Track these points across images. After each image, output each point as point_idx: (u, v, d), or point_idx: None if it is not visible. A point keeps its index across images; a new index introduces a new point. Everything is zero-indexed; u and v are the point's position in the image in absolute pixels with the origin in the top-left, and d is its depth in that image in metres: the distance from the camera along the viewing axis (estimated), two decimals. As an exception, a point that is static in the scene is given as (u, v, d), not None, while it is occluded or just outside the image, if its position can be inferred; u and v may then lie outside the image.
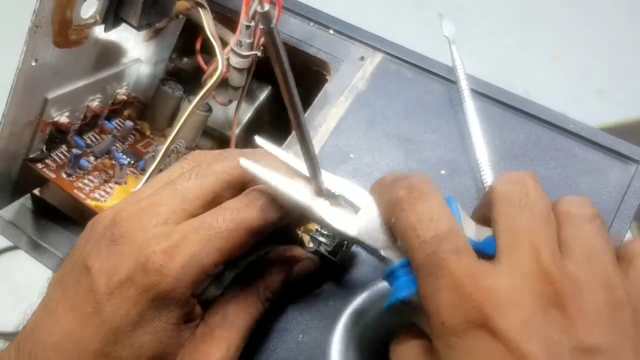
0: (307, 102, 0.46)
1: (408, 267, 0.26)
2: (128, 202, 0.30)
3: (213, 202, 0.30)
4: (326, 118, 0.44)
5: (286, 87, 0.24)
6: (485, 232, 0.27)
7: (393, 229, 0.28)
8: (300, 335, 0.35)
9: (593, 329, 0.22)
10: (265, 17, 0.21)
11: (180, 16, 0.45)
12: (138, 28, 0.40)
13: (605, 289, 0.23)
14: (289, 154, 0.31)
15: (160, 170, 0.45)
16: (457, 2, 1.29)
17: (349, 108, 0.44)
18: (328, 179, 0.30)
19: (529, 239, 0.24)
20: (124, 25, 0.41)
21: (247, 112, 0.52)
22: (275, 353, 0.34)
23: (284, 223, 0.31)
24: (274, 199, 0.30)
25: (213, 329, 0.30)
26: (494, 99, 0.44)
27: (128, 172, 0.44)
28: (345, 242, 0.36)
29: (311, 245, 0.35)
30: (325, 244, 0.35)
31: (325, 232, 0.36)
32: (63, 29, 0.36)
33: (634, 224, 1.08)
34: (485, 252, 0.26)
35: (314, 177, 0.29)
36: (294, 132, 0.44)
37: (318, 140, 0.43)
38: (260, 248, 0.32)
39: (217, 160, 0.31)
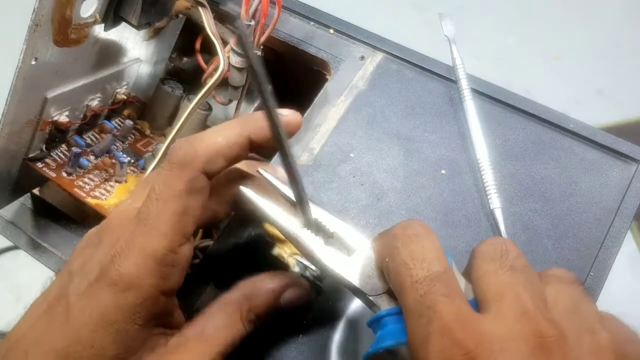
0: (307, 101, 0.46)
1: (397, 316, 0.26)
2: (118, 208, 0.31)
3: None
4: (326, 118, 0.44)
5: (270, 115, 0.24)
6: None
7: (385, 271, 0.27)
8: (300, 335, 0.35)
9: None
10: (242, 38, 0.21)
11: (180, 15, 0.45)
12: (138, 27, 0.40)
13: (589, 334, 0.24)
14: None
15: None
16: (457, 2, 1.29)
17: (349, 107, 0.44)
18: (324, 218, 0.30)
19: (513, 290, 0.24)
20: (123, 24, 0.41)
21: (247, 112, 0.52)
22: (275, 353, 0.34)
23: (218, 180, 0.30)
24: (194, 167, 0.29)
25: (188, 340, 0.29)
26: (494, 99, 0.44)
27: (128, 170, 0.44)
28: None
29: (297, 269, 0.35)
30: (311, 268, 0.35)
31: None
32: (63, 28, 0.36)
33: (634, 224, 1.08)
34: (474, 309, 0.25)
35: (300, 204, 0.29)
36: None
37: (318, 140, 0.43)
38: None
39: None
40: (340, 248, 0.29)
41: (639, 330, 0.26)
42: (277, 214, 0.30)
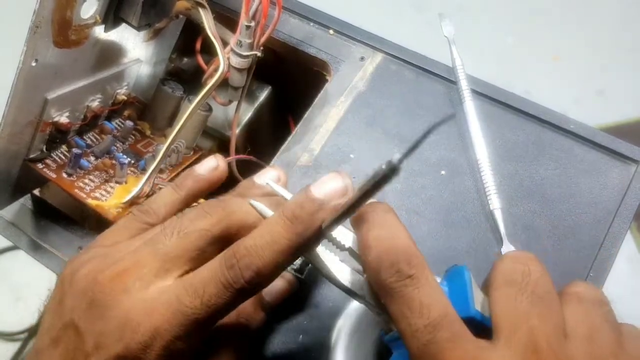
0: (307, 102, 0.46)
1: None
2: (106, 261, 0.29)
3: (197, 258, 0.29)
4: (326, 118, 0.44)
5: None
6: None
7: (384, 305, 0.26)
8: (300, 335, 0.35)
9: None
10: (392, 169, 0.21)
11: (180, 16, 0.45)
12: (138, 28, 0.40)
13: None
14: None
15: (161, 170, 0.45)
16: (457, 2, 1.29)
17: (349, 108, 0.44)
18: (339, 232, 0.29)
19: (527, 322, 0.24)
20: (124, 25, 0.41)
21: (247, 113, 0.52)
22: (275, 353, 0.35)
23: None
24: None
25: None
26: (494, 99, 0.44)
27: (128, 171, 0.44)
28: None
29: None
30: None
31: None
32: (63, 29, 0.36)
33: (634, 224, 1.08)
34: (489, 326, 0.25)
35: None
36: (293, 133, 0.44)
37: (318, 141, 0.43)
38: None
39: (199, 217, 0.30)
40: (355, 264, 0.29)
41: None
42: None
